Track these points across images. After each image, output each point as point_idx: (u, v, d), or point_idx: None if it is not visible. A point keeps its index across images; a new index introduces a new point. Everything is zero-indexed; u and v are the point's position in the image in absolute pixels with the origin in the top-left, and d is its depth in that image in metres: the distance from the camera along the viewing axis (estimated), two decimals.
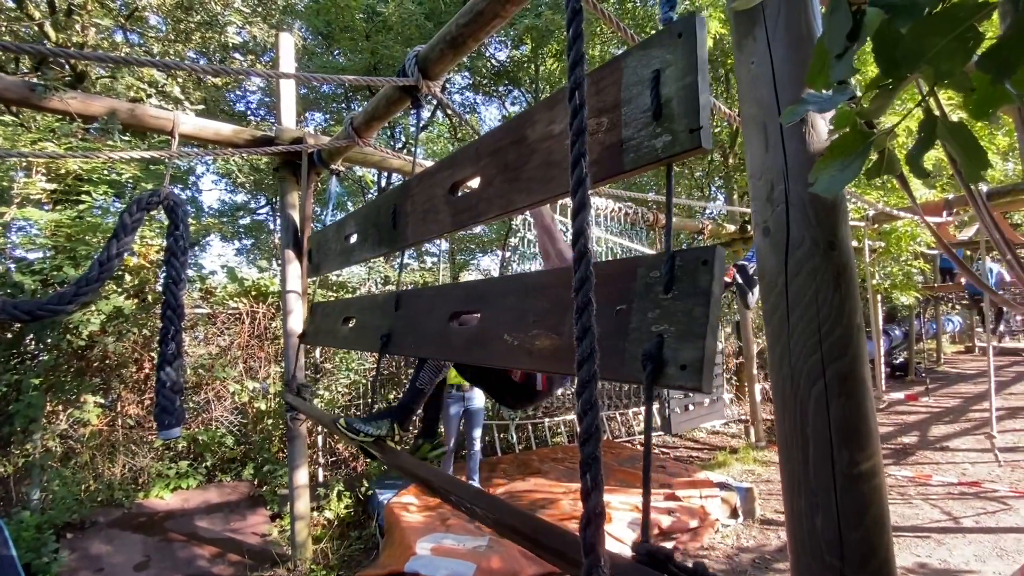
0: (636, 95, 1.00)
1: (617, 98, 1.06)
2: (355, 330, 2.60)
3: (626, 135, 1.01)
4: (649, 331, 0.93)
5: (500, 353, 1.39)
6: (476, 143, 1.66)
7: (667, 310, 0.91)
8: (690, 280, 0.89)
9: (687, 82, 0.90)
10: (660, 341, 0.90)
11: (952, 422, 7.66)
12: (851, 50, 0.52)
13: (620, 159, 1.02)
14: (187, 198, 11.86)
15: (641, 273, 0.99)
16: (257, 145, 3.58)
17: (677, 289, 0.91)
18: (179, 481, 4.42)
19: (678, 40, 0.93)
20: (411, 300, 2.09)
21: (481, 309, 1.57)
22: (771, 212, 0.84)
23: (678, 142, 0.91)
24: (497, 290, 1.53)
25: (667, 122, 0.93)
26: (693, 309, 0.86)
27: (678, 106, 0.92)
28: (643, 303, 0.96)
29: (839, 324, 0.77)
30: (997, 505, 4.48)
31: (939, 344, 14.95)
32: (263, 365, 4.91)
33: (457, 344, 1.64)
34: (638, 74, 1.01)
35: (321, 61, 9.07)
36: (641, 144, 0.98)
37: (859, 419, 0.77)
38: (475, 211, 1.61)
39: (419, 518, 3.93)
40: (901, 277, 7.26)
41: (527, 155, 1.35)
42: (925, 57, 0.45)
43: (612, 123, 1.06)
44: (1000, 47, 0.45)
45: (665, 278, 0.93)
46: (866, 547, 0.73)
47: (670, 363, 0.87)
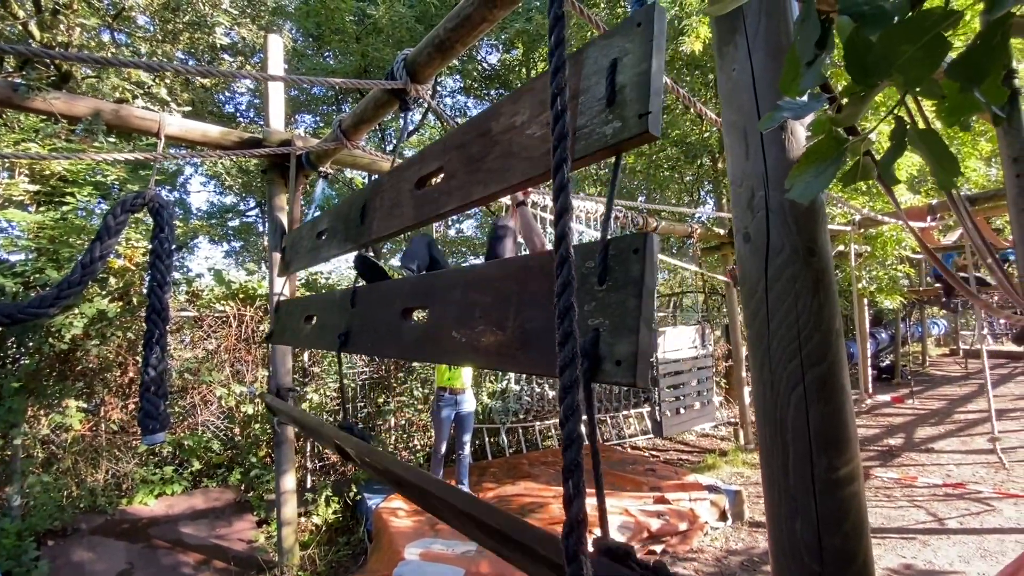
0: (593, 84, 0.98)
1: (576, 87, 1.02)
2: (316, 329, 2.51)
3: (580, 123, 0.98)
4: (586, 325, 0.89)
5: (449, 350, 1.34)
6: (445, 138, 1.62)
7: (602, 302, 0.88)
8: (623, 270, 0.85)
9: (642, 68, 0.88)
10: (596, 336, 0.86)
11: (937, 424, 7.76)
12: (820, 58, 0.52)
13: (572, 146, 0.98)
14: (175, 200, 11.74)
15: (578, 263, 0.94)
16: (245, 147, 3.55)
17: (610, 279, 0.87)
18: (164, 487, 4.35)
19: (637, 29, 0.91)
20: (366, 296, 2.01)
21: (430, 304, 1.51)
22: (751, 218, 0.85)
23: (627, 127, 0.88)
24: (444, 284, 1.48)
25: (619, 108, 0.90)
26: (626, 300, 0.83)
27: (631, 92, 0.89)
28: (580, 295, 0.92)
29: (818, 330, 0.77)
30: (981, 506, 4.54)
31: (924, 347, 15.17)
32: (250, 369, 4.86)
33: (408, 342, 1.58)
34: (598, 63, 0.99)
35: (311, 63, 9.04)
36: (592, 132, 0.95)
37: (838, 425, 0.77)
38: (436, 204, 1.56)
39: (408, 523, 3.91)
40: (886, 281, 7.35)
41: (489, 147, 1.31)
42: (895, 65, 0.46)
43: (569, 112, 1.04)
44: (968, 56, 0.45)
45: (599, 268, 0.89)
46: (845, 551, 0.74)
47: (606, 359, 0.84)
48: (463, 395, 4.47)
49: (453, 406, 4.44)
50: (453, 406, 4.44)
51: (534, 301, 1.04)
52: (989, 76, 0.46)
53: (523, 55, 10.15)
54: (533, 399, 6.12)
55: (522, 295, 1.08)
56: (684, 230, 6.77)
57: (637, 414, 7.40)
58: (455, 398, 4.43)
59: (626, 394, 7.12)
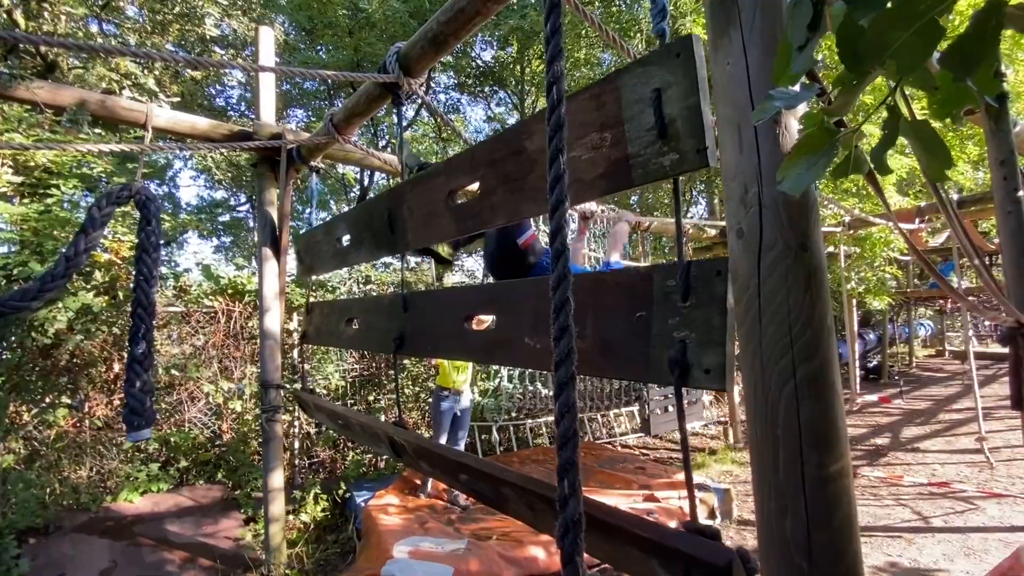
0: (638, 113, 1.05)
1: (618, 115, 1.10)
2: (361, 331, 2.65)
3: (632, 151, 1.07)
4: (671, 337, 0.99)
5: (523, 356, 1.45)
6: (471, 152, 1.72)
7: (687, 317, 0.97)
8: (707, 289, 0.95)
9: (691, 103, 0.94)
10: (684, 347, 0.95)
11: (923, 424, 7.86)
12: (812, 41, 0.51)
13: (629, 174, 1.08)
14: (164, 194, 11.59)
15: (657, 282, 1.05)
16: (235, 140, 3.50)
17: (694, 298, 0.97)
18: (149, 484, 4.30)
19: (676, 60, 0.96)
20: (420, 302, 2.15)
21: (497, 312, 1.62)
22: (745, 214, 0.84)
23: (686, 161, 0.95)
24: (513, 294, 1.60)
25: (673, 141, 0.98)
26: (712, 317, 0.92)
27: (683, 126, 0.96)
28: (662, 310, 1.03)
29: (810, 326, 0.77)
30: (965, 505, 4.60)
31: (911, 348, 15.35)
32: (239, 365, 4.81)
33: (475, 346, 1.70)
34: (637, 92, 1.05)
35: (303, 57, 8.95)
36: (648, 161, 1.03)
37: (828, 421, 0.77)
38: (479, 219, 1.68)
39: (397, 521, 3.88)
40: (875, 282, 7.43)
41: (528, 166, 1.42)
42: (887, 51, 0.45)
43: (616, 139, 1.12)
44: (961, 44, 0.45)
45: (681, 287, 0.98)
46: (834, 549, 0.74)
47: (694, 367, 0.93)
48: (463, 394, 4.49)
49: (454, 404, 4.46)
50: (454, 404, 4.46)
51: (610, 312, 1.16)
52: (982, 66, 0.45)
53: (518, 52, 10.13)
54: (525, 397, 6.12)
55: (598, 307, 1.19)
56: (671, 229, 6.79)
57: (628, 412, 7.42)
58: (458, 396, 4.46)
59: (616, 392, 7.14)
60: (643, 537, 0.98)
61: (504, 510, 1.47)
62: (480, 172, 1.62)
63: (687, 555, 0.86)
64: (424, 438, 2.02)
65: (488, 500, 1.52)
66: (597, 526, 1.09)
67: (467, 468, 1.58)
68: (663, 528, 1.01)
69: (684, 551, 0.87)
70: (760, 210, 0.81)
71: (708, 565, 0.82)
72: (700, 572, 0.84)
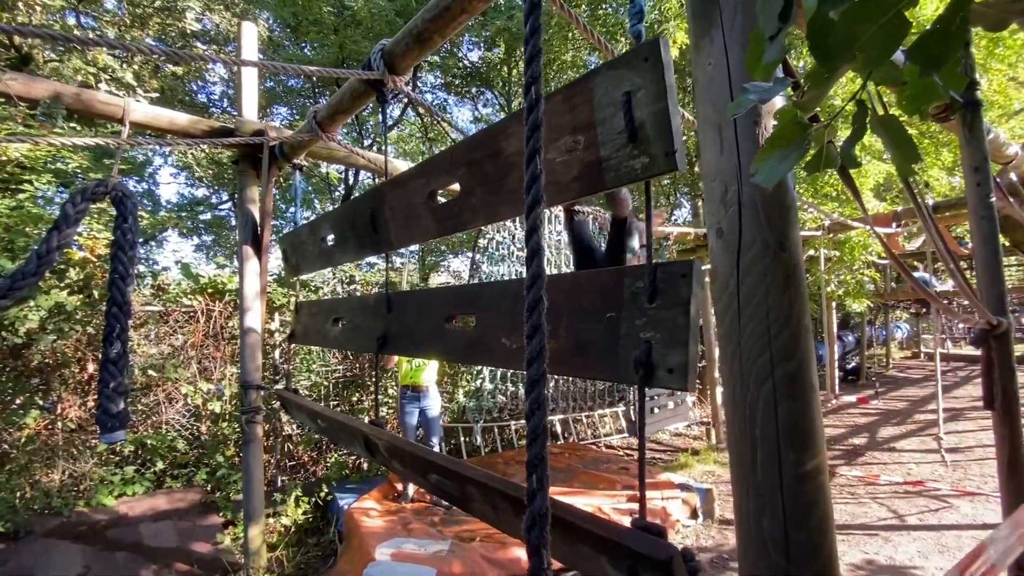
0: (610, 116, 1.06)
1: (591, 117, 1.11)
2: (347, 331, 2.65)
3: (604, 154, 1.07)
4: (638, 337, 1.01)
5: (501, 356, 1.46)
6: (449, 153, 1.71)
7: (653, 318, 0.99)
8: (673, 291, 0.96)
9: (659, 107, 0.95)
10: (649, 347, 0.97)
11: (899, 424, 8.03)
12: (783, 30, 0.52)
13: (602, 177, 1.09)
14: (143, 191, 11.35)
15: (627, 283, 1.07)
16: (215, 136, 3.43)
17: (661, 299, 0.98)
18: (124, 487, 4.19)
19: (645, 64, 0.97)
20: (403, 302, 2.16)
21: (477, 313, 1.63)
22: (724, 213, 0.85)
23: (656, 164, 0.96)
24: (491, 294, 1.61)
25: (644, 144, 0.99)
26: (676, 318, 0.94)
27: (652, 130, 0.97)
28: (631, 311, 1.05)
29: (787, 326, 0.77)
30: (939, 503, 4.71)
31: (888, 350, 15.70)
32: (218, 366, 4.72)
33: (455, 346, 1.71)
34: (609, 95, 1.06)
35: (287, 54, 8.84)
36: (620, 164, 1.04)
37: (806, 421, 0.77)
38: (459, 219, 1.68)
39: (380, 523, 3.85)
40: (853, 285, 7.58)
41: (506, 168, 1.42)
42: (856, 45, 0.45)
43: (589, 141, 1.13)
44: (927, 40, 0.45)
45: (649, 289, 1.00)
46: (810, 546, 0.74)
47: (659, 367, 0.95)
48: (426, 393, 4.46)
49: (416, 403, 4.44)
50: (416, 403, 4.44)
51: (584, 313, 1.17)
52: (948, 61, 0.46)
53: (505, 53, 10.13)
54: (508, 398, 6.11)
55: (574, 308, 1.20)
56: (660, 232, 6.85)
57: (612, 413, 7.46)
58: (417, 395, 4.44)
59: (601, 393, 7.17)
60: (594, 534, 0.99)
61: (468, 509, 1.47)
62: (459, 172, 1.62)
63: (633, 551, 0.88)
64: (397, 437, 2.01)
65: (454, 499, 1.52)
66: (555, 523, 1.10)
67: (435, 467, 1.57)
68: (613, 525, 1.02)
69: (631, 547, 0.88)
70: (740, 209, 0.82)
71: (651, 560, 0.83)
72: (644, 567, 0.86)
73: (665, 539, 0.92)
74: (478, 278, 6.60)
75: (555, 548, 1.19)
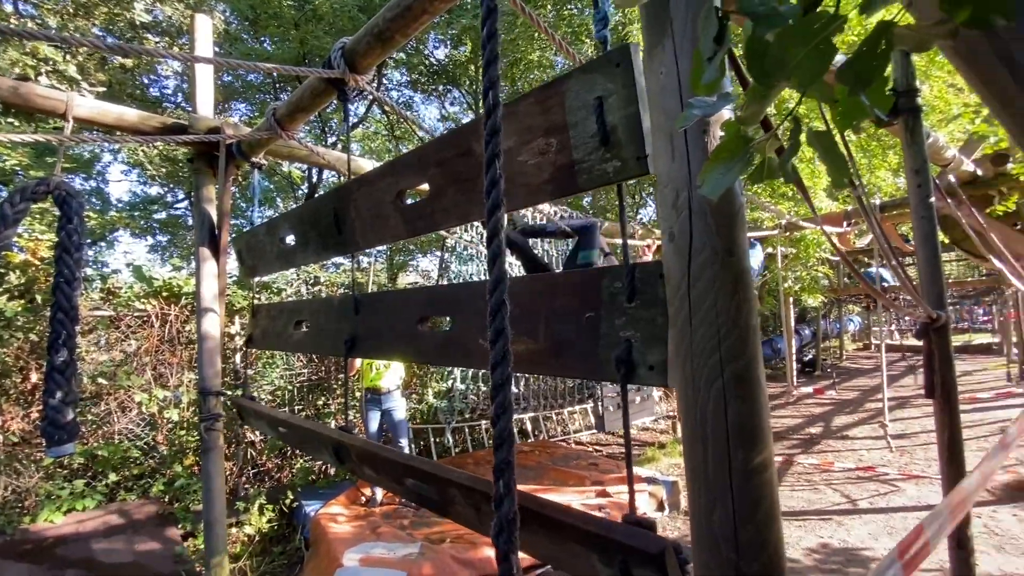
0: (582, 119, 1.07)
1: (564, 121, 1.12)
2: (311, 334, 2.59)
3: (577, 157, 1.09)
4: (618, 336, 1.03)
5: (478, 357, 1.45)
6: (419, 152, 1.69)
7: (632, 317, 1.02)
8: (651, 291, 0.99)
9: (630, 112, 0.97)
10: (629, 345, 1.00)
11: (852, 412, 8.43)
12: (719, 53, 0.54)
13: (575, 180, 1.11)
14: (91, 189, 10.79)
15: (605, 284, 1.09)
16: (168, 133, 3.29)
17: (639, 299, 1.01)
18: (74, 502, 3.99)
19: (616, 69, 0.99)
20: (372, 304, 2.12)
21: (453, 314, 1.61)
22: (676, 219, 0.87)
23: (627, 168, 0.99)
24: (468, 295, 1.60)
25: (616, 148, 1.01)
26: (655, 317, 0.97)
27: (623, 134, 0.99)
28: (610, 311, 1.07)
29: (736, 327, 0.80)
30: (888, 487, 4.97)
31: (842, 342, 16.44)
32: (175, 372, 4.54)
33: (430, 347, 1.70)
34: (581, 99, 1.08)
35: (245, 49, 8.55)
36: (593, 167, 1.07)
37: (754, 418, 0.80)
38: (430, 220, 1.67)
39: (347, 528, 3.79)
40: (809, 281, 7.89)
41: (477, 168, 1.41)
42: (789, 66, 0.48)
43: (562, 144, 1.14)
44: (854, 62, 0.48)
45: (627, 289, 1.03)
46: (758, 539, 0.77)
47: (640, 364, 0.98)
48: (388, 396, 4.43)
49: (377, 407, 4.41)
50: (377, 407, 4.41)
51: (563, 314, 1.18)
52: (875, 82, 0.49)
53: (471, 51, 10.09)
54: (479, 398, 6.10)
55: (552, 309, 1.21)
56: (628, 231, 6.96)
57: (581, 410, 7.55)
58: (379, 399, 4.41)
59: (570, 390, 7.25)
60: (585, 531, 1.00)
61: (448, 513, 1.46)
62: (429, 172, 1.61)
63: (625, 546, 0.90)
64: (369, 441, 1.98)
65: (434, 504, 1.50)
66: (542, 523, 1.11)
67: (413, 471, 1.56)
68: (604, 521, 1.04)
69: (622, 542, 0.90)
70: (690, 215, 0.84)
71: (643, 554, 0.86)
72: (636, 561, 0.88)
73: (655, 532, 0.94)
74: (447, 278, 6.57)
75: (543, 548, 1.20)
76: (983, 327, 22.29)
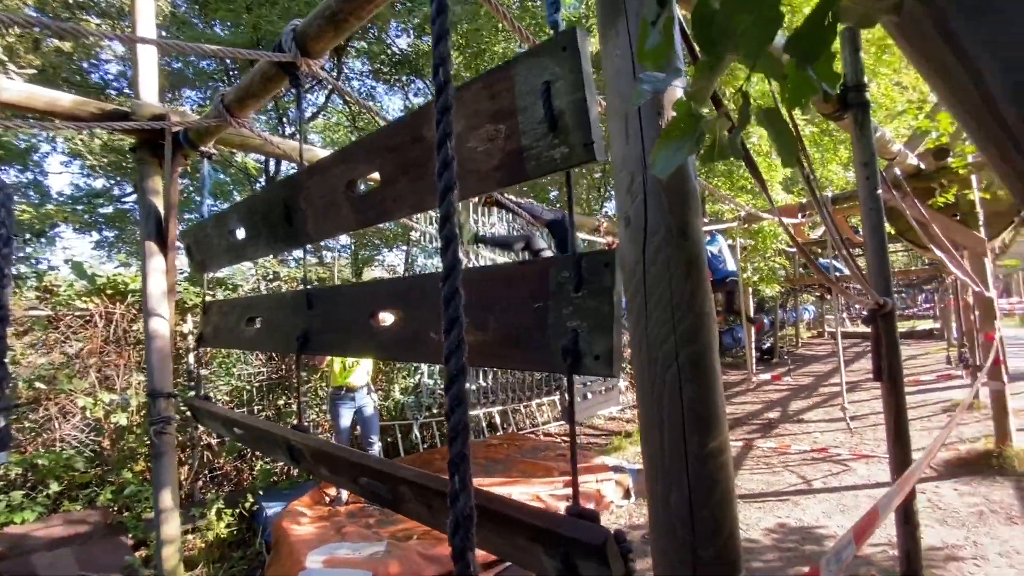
0: (530, 104, 1.05)
1: (512, 106, 1.10)
2: (264, 331, 2.50)
3: (525, 143, 1.07)
4: (565, 326, 1.02)
5: (430, 351, 1.44)
6: (369, 139, 1.65)
7: (579, 307, 1.01)
8: (597, 280, 0.98)
9: (577, 97, 0.95)
10: (576, 335, 0.99)
11: (807, 397, 8.79)
12: (662, 15, 0.53)
13: (523, 166, 1.09)
14: (27, 181, 10.12)
15: (553, 274, 1.08)
16: (108, 120, 3.09)
17: (586, 288, 1.00)
18: (11, 515, 3.74)
19: (564, 53, 0.97)
20: (326, 298, 2.06)
21: (404, 307, 1.58)
22: (631, 202, 0.86)
23: (575, 154, 0.97)
24: (420, 288, 1.56)
25: (563, 134, 0.99)
26: (601, 306, 0.95)
27: (571, 120, 0.97)
28: (558, 301, 1.06)
29: (691, 311, 0.80)
30: (840, 467, 5.20)
31: (797, 330, 17.13)
32: (123, 374, 4.30)
33: (383, 342, 1.67)
34: (529, 83, 1.05)
35: (195, 33, 8.15)
36: (541, 154, 1.05)
37: (709, 403, 0.80)
38: (381, 209, 1.63)
39: (311, 530, 3.69)
40: (767, 271, 8.16)
41: (428, 155, 1.37)
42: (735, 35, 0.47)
43: (510, 130, 1.12)
44: (801, 34, 0.48)
45: (574, 279, 1.01)
46: (713, 522, 0.77)
47: (586, 354, 0.97)
48: (359, 393, 4.35)
49: (351, 404, 4.33)
50: (351, 404, 4.33)
51: (514, 305, 1.17)
52: (822, 55, 0.48)
53: None
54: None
55: (504, 298, 1.20)
56: (592, 223, 7.02)
57: (550, 401, 7.60)
58: (352, 396, 4.33)
59: (538, 383, 7.28)
60: (527, 523, 0.99)
61: (401, 510, 1.43)
62: (380, 160, 1.56)
63: (566, 538, 0.89)
64: (324, 441, 1.92)
65: (388, 502, 1.47)
66: (490, 517, 1.09)
67: (366, 469, 1.52)
68: (547, 514, 1.03)
69: (563, 534, 0.90)
70: (645, 198, 0.83)
71: (585, 545, 0.85)
72: (578, 552, 0.87)
73: (598, 523, 0.93)
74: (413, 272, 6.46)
75: (490, 541, 1.18)
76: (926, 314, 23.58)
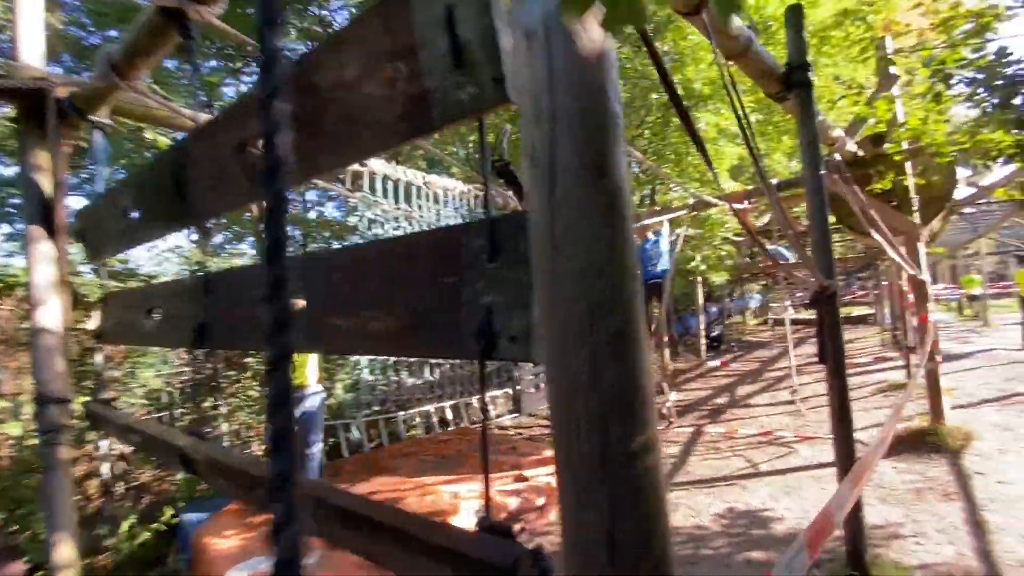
0: (432, 37, 0.86)
1: (411, 40, 0.91)
2: (162, 323, 2.20)
3: (430, 85, 0.88)
4: (478, 303, 0.86)
5: (335, 340, 1.28)
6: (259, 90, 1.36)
7: (494, 279, 0.84)
8: (513, 247, 0.81)
9: (484, 24, 0.78)
10: (489, 314, 0.84)
11: (753, 382, 9.04)
12: None
13: (428, 113, 0.89)
14: None
15: (466, 241, 0.90)
16: None
17: (502, 257, 0.84)
18: None
19: None
20: (224, 283, 1.81)
21: (306, 290, 1.35)
22: (537, 134, 0.67)
23: (484, 95, 0.79)
24: (321, 267, 1.36)
25: (470, 71, 0.81)
26: (520, 277, 0.80)
27: (479, 52, 0.79)
28: (471, 274, 0.89)
29: (610, 265, 0.62)
30: (785, 450, 5.31)
31: (744, 318, 17.75)
32: (14, 378, 3.81)
33: None
34: (430, 10, 0.86)
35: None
36: (447, 96, 0.86)
37: (634, 385, 0.63)
38: None
39: (235, 542, 3.38)
40: (714, 259, 8.30)
41: (322, 108, 1.16)
42: None
43: (412, 71, 0.92)
44: None
45: (489, 247, 0.85)
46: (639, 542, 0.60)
47: (501, 336, 0.81)
48: (307, 391, 4.05)
49: (299, 404, 4.01)
50: (299, 404, 4.01)
51: (422, 281, 1.01)
52: None
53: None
54: (390, 389, 5.77)
55: (412, 275, 1.04)
56: None
57: (504, 394, 7.44)
58: (301, 395, 4.01)
59: (489, 375, 7.11)
60: (432, 544, 0.81)
61: None
62: None
63: (471, 559, 0.72)
64: (217, 449, 1.67)
65: None
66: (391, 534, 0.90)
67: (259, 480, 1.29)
68: (452, 531, 0.85)
69: (467, 555, 0.72)
70: (553, 125, 0.65)
71: (492, 566, 0.68)
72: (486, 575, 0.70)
73: (512, 538, 0.77)
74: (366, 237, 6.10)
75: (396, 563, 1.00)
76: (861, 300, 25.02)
